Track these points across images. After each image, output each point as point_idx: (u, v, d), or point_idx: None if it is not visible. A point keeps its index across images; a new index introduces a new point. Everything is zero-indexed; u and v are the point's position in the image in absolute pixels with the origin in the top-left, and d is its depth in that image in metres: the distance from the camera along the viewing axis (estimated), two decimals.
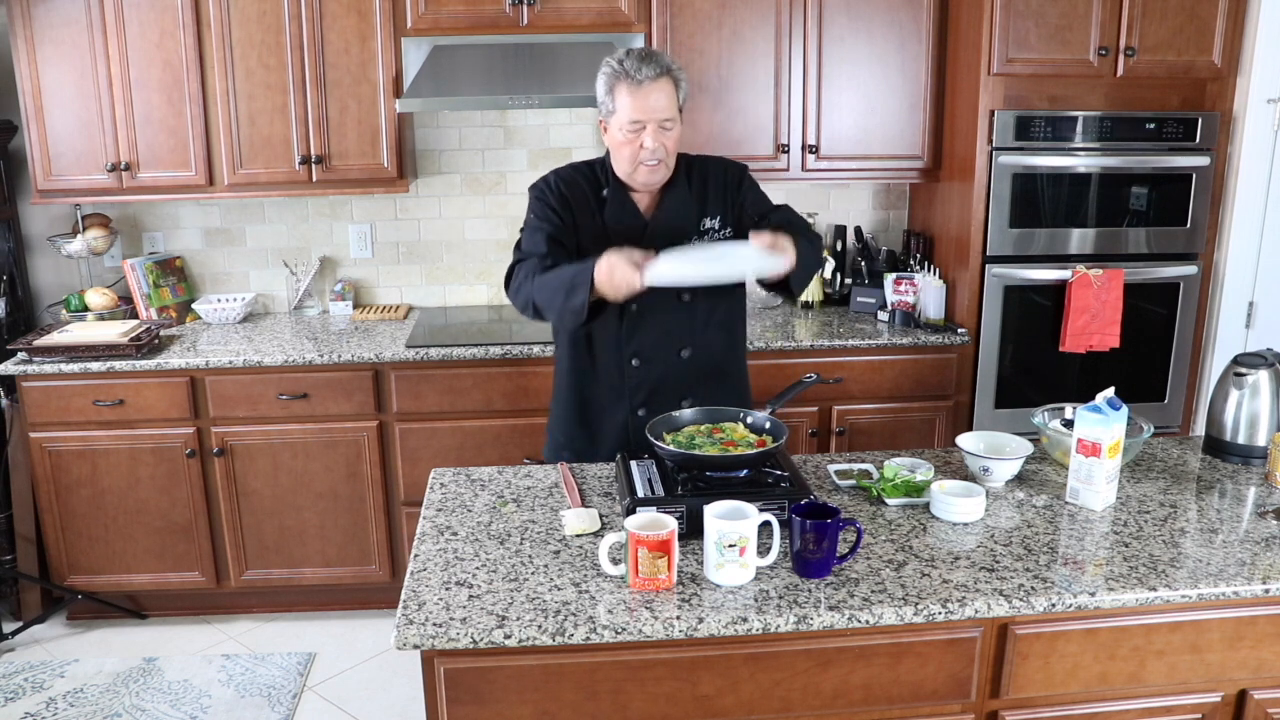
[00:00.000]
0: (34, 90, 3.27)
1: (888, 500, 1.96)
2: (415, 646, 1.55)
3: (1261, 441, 2.17)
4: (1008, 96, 3.20)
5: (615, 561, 1.69)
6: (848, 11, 3.36)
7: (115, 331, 3.23)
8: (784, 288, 2.16)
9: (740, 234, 2.25)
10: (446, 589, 1.67)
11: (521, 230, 2.28)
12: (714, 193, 2.27)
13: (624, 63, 2.11)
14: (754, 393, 2.46)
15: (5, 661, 3.19)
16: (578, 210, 2.23)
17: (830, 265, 3.71)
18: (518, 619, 1.57)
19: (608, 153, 2.24)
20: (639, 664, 1.62)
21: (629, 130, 2.12)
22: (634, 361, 2.25)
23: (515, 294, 2.21)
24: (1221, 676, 1.76)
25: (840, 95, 3.42)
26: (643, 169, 2.15)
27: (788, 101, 3.40)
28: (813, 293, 3.67)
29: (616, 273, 1.95)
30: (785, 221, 2.20)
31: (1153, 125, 3.26)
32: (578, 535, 1.85)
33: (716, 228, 2.26)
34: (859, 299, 3.63)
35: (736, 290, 2.34)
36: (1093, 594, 1.64)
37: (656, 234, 2.20)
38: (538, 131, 3.73)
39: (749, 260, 2.01)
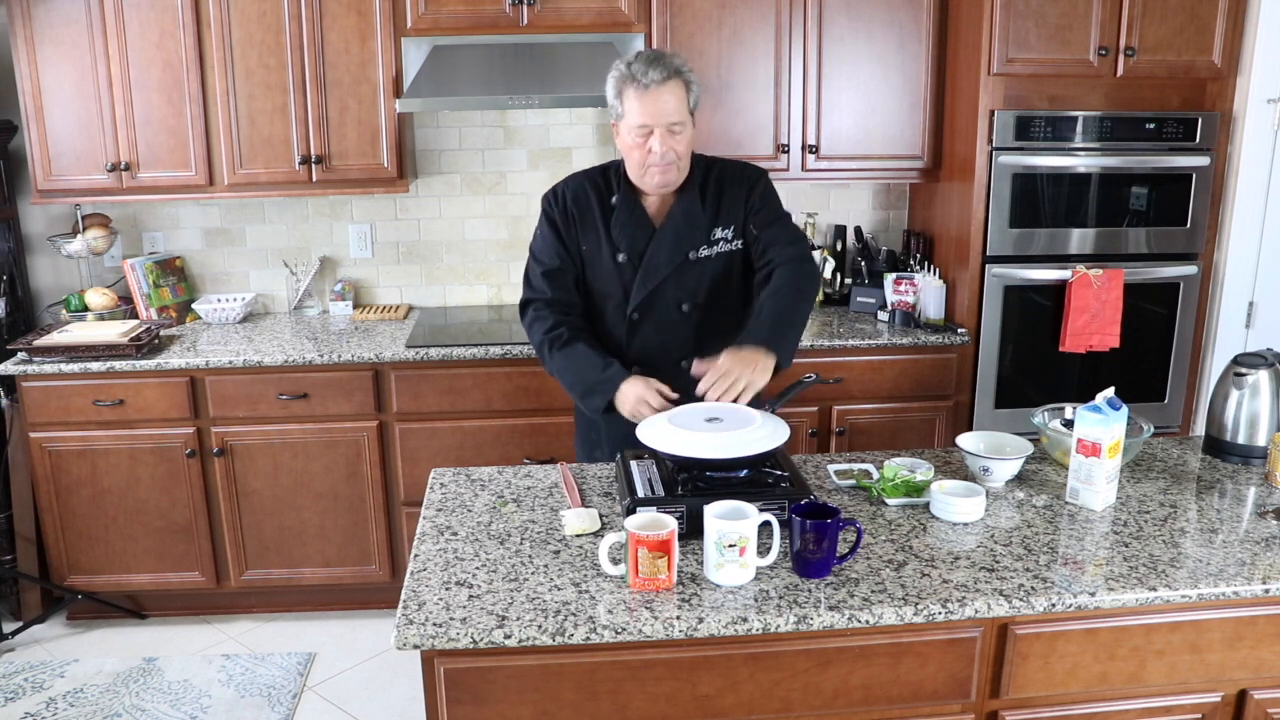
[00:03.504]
0: (34, 90, 3.27)
1: (888, 500, 1.96)
2: (415, 646, 1.55)
3: (1261, 441, 2.17)
4: (1008, 96, 3.20)
5: (615, 561, 1.69)
6: (848, 11, 3.35)
7: (115, 331, 3.23)
8: None
9: (746, 245, 2.25)
10: (446, 589, 1.67)
11: (531, 247, 2.32)
12: (729, 202, 2.24)
13: (632, 65, 2.08)
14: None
15: (5, 661, 3.19)
16: (583, 225, 2.24)
17: (830, 265, 3.71)
18: (518, 619, 1.57)
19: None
20: (639, 664, 1.61)
21: (638, 134, 2.10)
22: (634, 370, 2.23)
23: (528, 331, 2.28)
24: (1221, 676, 1.76)
25: (840, 95, 3.42)
26: (653, 171, 2.14)
27: (788, 101, 3.40)
28: None
29: (628, 411, 2.08)
30: (772, 241, 2.21)
31: (1153, 125, 3.26)
32: (578, 535, 1.85)
33: (729, 238, 2.24)
34: (859, 299, 3.63)
35: (734, 301, 2.32)
36: (1093, 594, 1.64)
37: (663, 244, 2.20)
38: (538, 131, 3.73)
39: (753, 446, 1.85)
